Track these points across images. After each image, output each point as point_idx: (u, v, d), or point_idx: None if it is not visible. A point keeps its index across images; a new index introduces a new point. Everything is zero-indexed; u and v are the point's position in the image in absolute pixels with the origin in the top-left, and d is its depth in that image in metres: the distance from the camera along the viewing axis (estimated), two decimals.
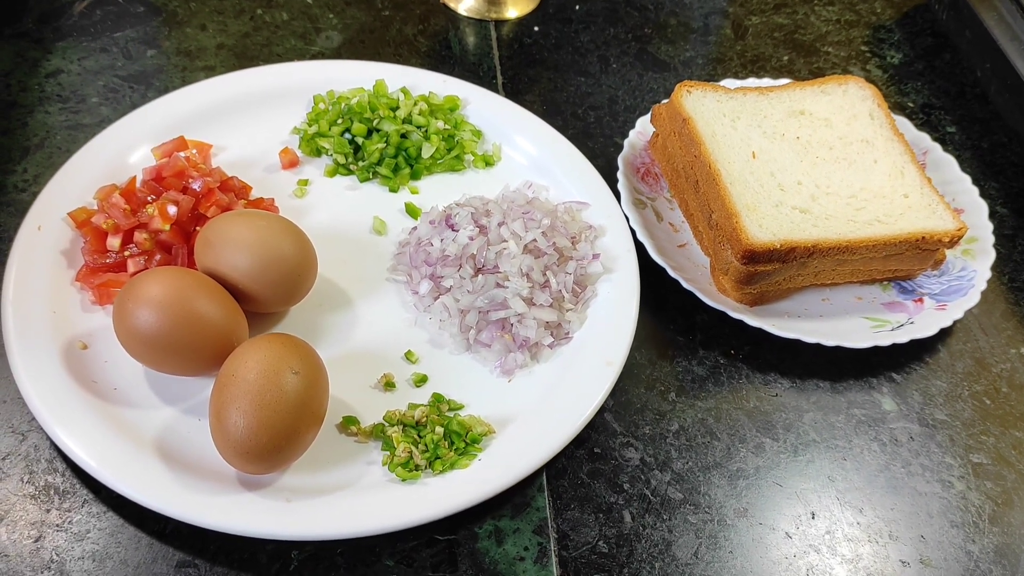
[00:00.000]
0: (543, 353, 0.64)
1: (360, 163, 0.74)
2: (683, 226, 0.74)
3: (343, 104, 0.76)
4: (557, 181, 0.74)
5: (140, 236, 0.63)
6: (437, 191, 0.74)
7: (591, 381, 0.61)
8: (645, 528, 0.58)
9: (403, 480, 0.56)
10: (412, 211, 0.72)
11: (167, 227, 0.63)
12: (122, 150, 0.71)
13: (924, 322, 0.67)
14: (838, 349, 0.66)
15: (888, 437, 0.64)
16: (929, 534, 0.60)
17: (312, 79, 0.78)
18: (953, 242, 0.67)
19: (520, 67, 0.87)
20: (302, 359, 0.55)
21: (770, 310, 0.68)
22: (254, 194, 0.70)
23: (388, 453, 0.58)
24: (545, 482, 0.60)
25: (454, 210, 0.68)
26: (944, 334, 0.70)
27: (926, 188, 0.70)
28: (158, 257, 0.63)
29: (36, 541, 0.54)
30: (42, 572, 0.53)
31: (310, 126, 0.76)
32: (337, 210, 0.72)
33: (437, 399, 0.61)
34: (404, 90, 0.77)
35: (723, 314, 0.67)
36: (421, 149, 0.74)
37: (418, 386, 0.62)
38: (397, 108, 0.76)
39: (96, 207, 0.66)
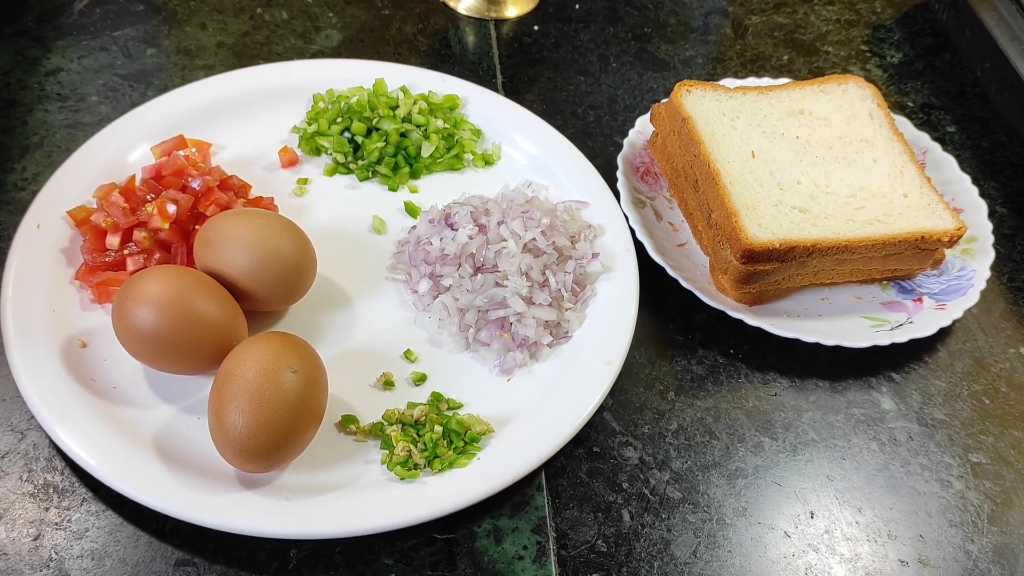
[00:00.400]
0: (542, 352, 0.64)
1: (359, 162, 0.74)
2: (682, 225, 0.74)
3: (343, 103, 0.76)
4: (556, 180, 0.74)
5: (139, 235, 0.63)
6: (436, 190, 0.74)
7: (590, 380, 0.61)
8: (644, 527, 0.58)
9: (402, 479, 0.56)
10: (411, 210, 0.72)
11: (166, 226, 0.63)
12: (121, 149, 0.71)
13: (923, 322, 0.67)
14: (837, 348, 0.66)
15: (887, 436, 0.64)
16: (928, 533, 0.60)
17: (312, 78, 0.78)
18: (952, 242, 0.67)
19: (520, 66, 0.87)
20: (301, 358, 0.55)
21: (769, 309, 0.68)
22: (253, 193, 0.70)
23: (387, 452, 0.58)
24: (544, 481, 0.60)
25: (453, 209, 0.68)
26: (943, 334, 0.70)
27: (925, 188, 0.70)
28: (157, 256, 0.63)
29: (35, 539, 0.54)
30: (41, 570, 0.53)
31: (309, 125, 0.76)
32: (336, 209, 0.72)
33: (436, 398, 0.61)
34: (404, 89, 0.77)
35: (722, 313, 0.67)
36: (421, 148, 0.74)
37: (417, 385, 0.62)
38: (397, 107, 0.76)
39: (95, 205, 0.66)
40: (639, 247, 0.69)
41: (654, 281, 0.69)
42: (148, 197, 0.65)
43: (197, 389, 0.60)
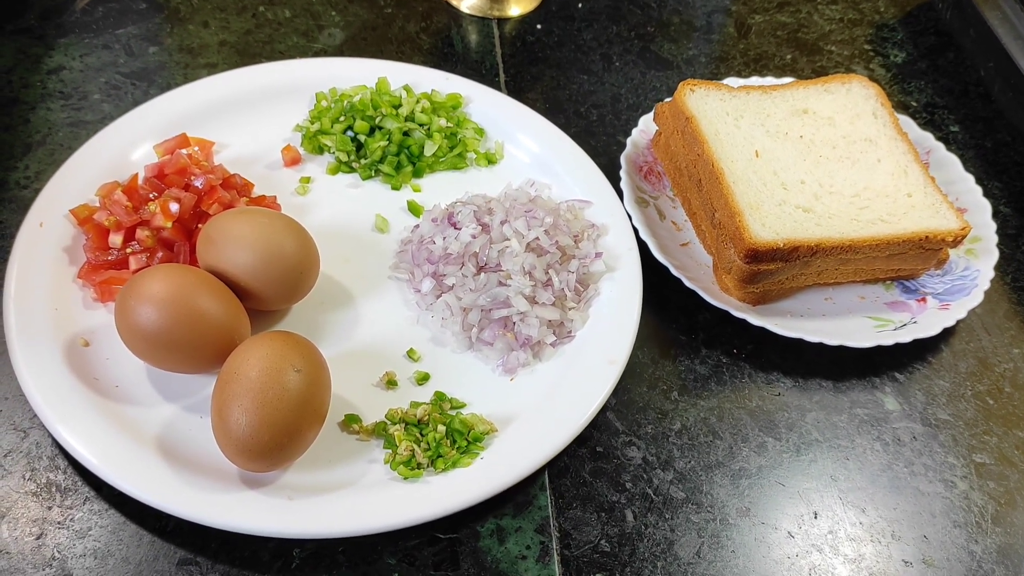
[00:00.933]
0: (545, 352, 0.64)
1: (362, 161, 0.74)
2: (686, 225, 0.74)
3: (345, 101, 0.76)
4: (560, 179, 0.74)
5: (142, 233, 0.63)
6: (439, 189, 0.74)
7: (593, 380, 0.61)
8: (647, 527, 0.58)
9: (405, 478, 0.56)
10: (414, 209, 0.72)
11: (169, 224, 0.63)
12: (124, 147, 0.71)
13: (927, 322, 0.67)
14: (841, 348, 0.66)
15: (891, 437, 0.64)
16: (932, 534, 0.60)
17: (314, 76, 0.78)
18: (956, 241, 0.67)
19: (523, 65, 0.87)
20: (304, 357, 0.55)
21: (773, 309, 0.68)
22: (256, 191, 0.70)
23: (390, 451, 0.58)
24: (547, 481, 0.59)
25: (456, 208, 0.68)
26: (947, 334, 0.70)
27: (929, 187, 0.70)
28: (160, 254, 0.63)
29: (38, 538, 0.54)
30: (43, 569, 0.53)
31: (312, 123, 0.75)
32: (339, 208, 0.72)
33: (439, 397, 0.61)
34: (407, 87, 0.77)
35: (726, 313, 0.67)
36: (423, 147, 0.74)
37: (420, 384, 0.62)
38: (399, 106, 0.76)
39: (98, 204, 0.66)
40: (642, 246, 0.69)
41: (657, 280, 0.69)
42: (151, 195, 0.65)
43: (200, 388, 0.60)
